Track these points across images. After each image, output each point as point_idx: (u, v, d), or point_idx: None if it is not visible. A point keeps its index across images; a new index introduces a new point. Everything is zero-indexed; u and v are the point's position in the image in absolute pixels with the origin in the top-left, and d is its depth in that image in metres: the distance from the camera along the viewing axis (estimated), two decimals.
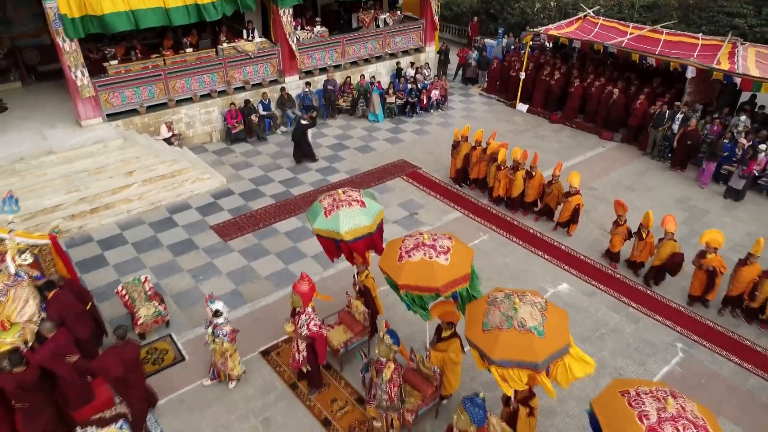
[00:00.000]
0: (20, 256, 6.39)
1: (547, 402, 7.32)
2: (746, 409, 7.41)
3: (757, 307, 8.71)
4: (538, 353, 5.07)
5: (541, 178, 11.37)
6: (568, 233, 11.00)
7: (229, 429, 7.00)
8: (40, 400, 6.24)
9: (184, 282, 9.59)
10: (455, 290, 6.12)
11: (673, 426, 4.37)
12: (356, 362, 7.86)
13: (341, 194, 7.31)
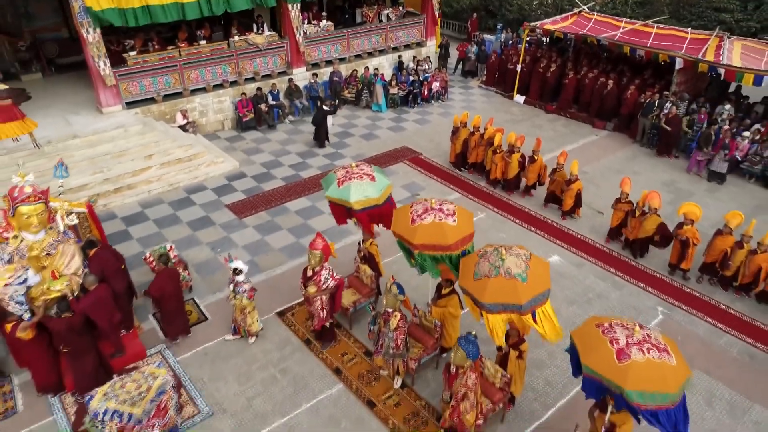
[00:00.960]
0: (68, 216, 7.16)
1: (538, 355, 8.12)
2: (718, 362, 8.18)
3: (731, 275, 9.50)
4: (521, 296, 5.82)
5: (542, 162, 12.02)
6: (574, 217, 11.61)
7: (250, 377, 7.78)
8: (83, 345, 7.03)
9: (204, 253, 10.37)
10: (464, 249, 6.88)
11: (639, 348, 5.15)
12: (364, 322, 8.65)
13: (354, 167, 8.08)
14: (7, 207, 6.54)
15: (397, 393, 7.51)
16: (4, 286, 6.41)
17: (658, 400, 4.95)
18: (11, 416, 7.14)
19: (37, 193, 6.57)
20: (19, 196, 6.42)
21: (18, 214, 6.42)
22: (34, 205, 6.47)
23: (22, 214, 6.42)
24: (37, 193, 6.56)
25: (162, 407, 6.53)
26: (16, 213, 6.42)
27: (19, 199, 6.41)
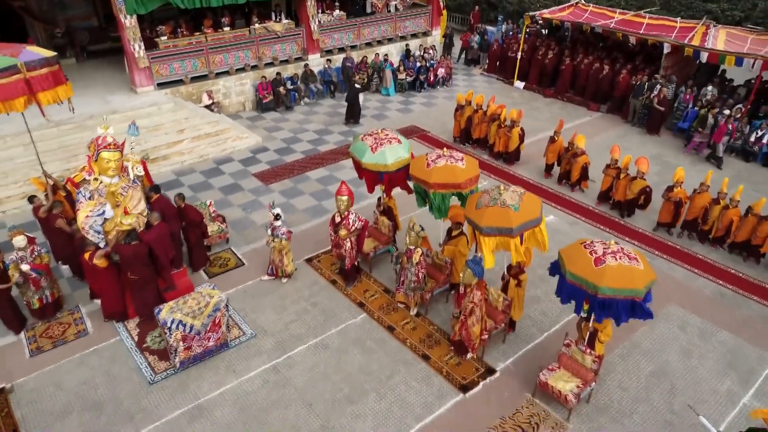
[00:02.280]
0: (136, 168, 8.38)
1: (535, 293, 9.31)
2: (692, 299, 9.37)
3: (707, 229, 10.70)
4: (512, 221, 6.99)
5: (562, 143, 12.90)
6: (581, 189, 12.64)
7: (285, 308, 8.98)
8: (146, 275, 8.24)
9: (236, 213, 11.57)
10: (472, 188, 8.06)
11: (613, 256, 6.34)
12: (382, 266, 9.87)
13: (380, 133, 9.18)
14: (92, 152, 7.74)
15: (413, 320, 8.72)
16: (86, 217, 7.63)
17: (626, 293, 6.16)
18: (83, 337, 8.34)
19: (116, 143, 7.79)
20: (102, 143, 7.63)
21: (100, 158, 7.63)
22: (113, 153, 7.68)
23: (103, 159, 7.63)
24: (116, 143, 7.78)
25: (216, 322, 7.76)
26: (98, 158, 7.63)
27: (102, 146, 7.62)
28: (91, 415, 7.13)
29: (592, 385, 7.17)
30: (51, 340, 8.24)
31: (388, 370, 7.84)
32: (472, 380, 7.67)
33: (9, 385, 7.47)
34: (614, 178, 11.78)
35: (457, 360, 7.97)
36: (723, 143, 13.98)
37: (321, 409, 7.24)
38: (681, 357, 8.20)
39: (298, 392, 7.48)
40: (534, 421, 7.11)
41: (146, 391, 7.46)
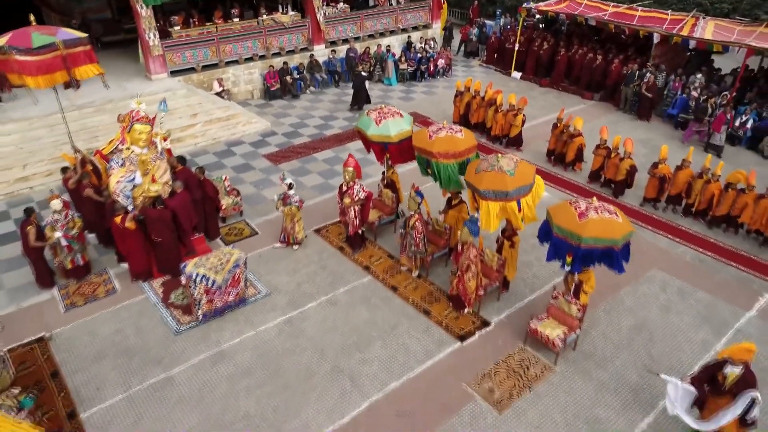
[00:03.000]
0: (164, 141, 9.14)
1: (528, 258, 10.04)
2: (673, 264, 10.11)
3: (691, 203, 11.44)
4: (508, 185, 7.70)
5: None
6: (575, 170, 13.34)
7: (297, 271, 9.73)
8: (170, 239, 8.99)
9: (248, 189, 12.32)
10: (469, 156, 8.79)
11: (595, 211, 7.08)
12: (386, 235, 10.61)
13: (384, 108, 9.95)
14: (126, 124, 8.50)
15: (414, 281, 9.46)
16: (117, 182, 8.39)
17: (607, 243, 6.89)
18: (112, 295, 9.09)
19: (148, 118, 8.56)
20: (136, 116, 8.41)
21: (133, 130, 8.39)
22: (144, 125, 8.44)
23: (135, 131, 8.39)
24: (148, 117, 8.55)
25: (236, 278, 8.51)
26: (131, 129, 8.39)
27: (135, 119, 8.39)
28: (124, 359, 7.88)
29: (576, 331, 7.92)
30: (83, 297, 8.99)
31: (392, 322, 8.59)
32: (468, 331, 8.41)
33: (48, 334, 8.22)
34: (605, 158, 12.53)
35: (455, 314, 8.71)
36: (722, 132, 14.59)
37: (331, 355, 7.99)
38: (660, 313, 8.94)
39: (310, 341, 8.23)
40: (524, 365, 7.85)
41: (172, 340, 8.21)
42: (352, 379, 7.59)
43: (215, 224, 10.32)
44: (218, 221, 10.55)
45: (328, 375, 7.66)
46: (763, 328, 8.64)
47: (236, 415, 7.06)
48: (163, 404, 7.19)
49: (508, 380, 7.61)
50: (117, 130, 9.71)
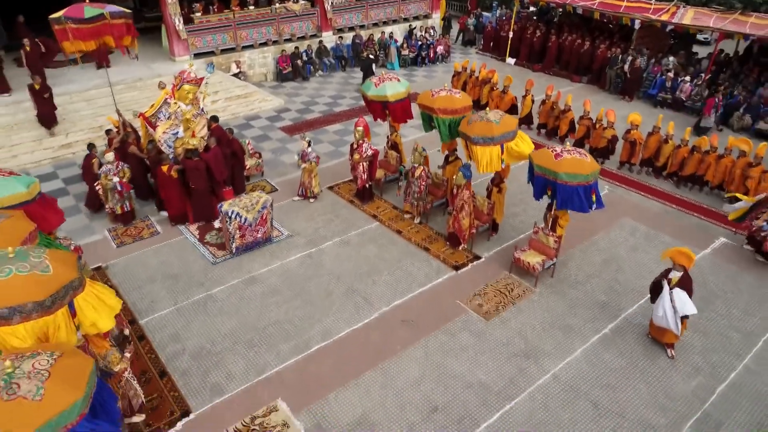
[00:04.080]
0: (204, 100, 10.58)
1: (515, 211, 11.46)
2: (642, 214, 11.55)
3: (661, 165, 12.87)
4: (494, 131, 9.09)
5: (551, 104, 14.99)
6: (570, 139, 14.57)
7: (314, 219, 11.16)
8: (203, 186, 10.42)
9: (267, 155, 13.73)
10: (465, 114, 10.21)
11: (569, 153, 8.50)
12: (391, 191, 12.05)
13: (384, 74, 11.44)
14: (176, 83, 9.97)
15: (416, 226, 10.90)
16: (163, 132, 9.85)
17: (579, 179, 8.31)
18: (156, 236, 10.53)
19: (197, 79, 10.02)
20: (186, 77, 9.87)
21: (182, 89, 9.85)
22: (192, 86, 9.92)
23: (184, 89, 9.85)
24: (196, 79, 10.01)
25: (264, 218, 9.95)
26: (180, 88, 9.85)
27: (186, 80, 9.86)
28: (171, 282, 9.32)
29: (554, 259, 9.36)
30: (131, 237, 10.44)
31: (397, 257, 10.03)
32: (462, 263, 9.85)
33: (105, 264, 9.67)
34: (588, 128, 13.97)
35: (451, 251, 10.15)
36: (711, 115, 15.88)
37: (346, 280, 9.43)
38: (628, 251, 10.37)
39: (327, 270, 9.67)
40: (509, 287, 9.29)
41: (210, 269, 9.65)
42: (364, 297, 9.03)
43: (242, 179, 11.76)
44: (244, 177, 11.98)
45: (343, 294, 9.10)
46: (715, 263, 10.08)
47: (268, 321, 8.50)
48: (206, 314, 8.63)
49: (495, 298, 9.05)
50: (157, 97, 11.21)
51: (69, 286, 5.33)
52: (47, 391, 4.27)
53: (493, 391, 7.37)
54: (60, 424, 4.24)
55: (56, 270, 5.32)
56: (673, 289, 7.47)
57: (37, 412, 4.15)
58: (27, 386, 4.25)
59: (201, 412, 7.01)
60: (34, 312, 5.09)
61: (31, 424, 4.11)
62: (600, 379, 7.58)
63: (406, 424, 6.89)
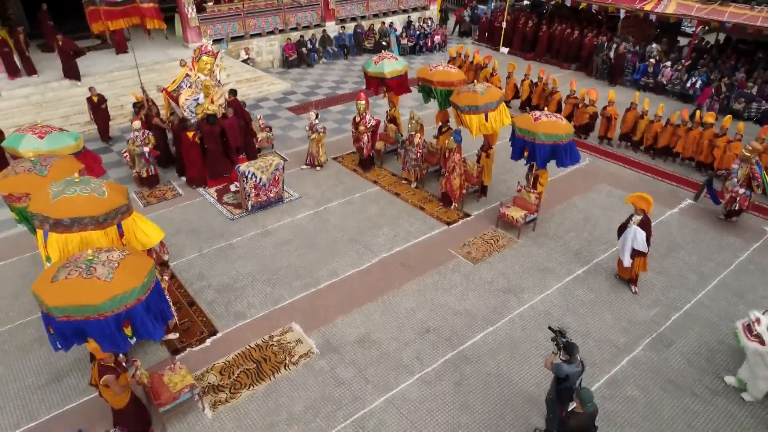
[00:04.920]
0: (220, 72, 11.74)
1: (503, 177, 12.61)
2: (618, 181, 12.69)
3: (638, 139, 14.03)
4: (479, 101, 10.24)
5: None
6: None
7: (320, 184, 12.32)
8: (219, 149, 11.59)
9: (276, 131, 14.90)
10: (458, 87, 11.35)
11: (545, 116, 9.67)
12: (390, 162, 13.21)
13: (384, 53, 12.61)
14: (196, 55, 11.14)
15: (413, 190, 12.05)
16: (185, 99, 11.01)
17: (554, 138, 9.47)
18: (178, 197, 11.69)
19: (213, 52, 11.19)
20: (204, 50, 11.04)
21: (200, 60, 11.02)
22: (209, 58, 11.08)
23: (203, 61, 11.02)
24: (213, 52, 11.17)
25: (276, 179, 11.11)
26: (199, 60, 11.01)
27: (203, 52, 11.02)
28: (194, 234, 10.48)
29: (534, 214, 10.51)
30: (156, 198, 11.61)
31: (396, 215, 11.18)
32: (454, 220, 11.01)
33: None
34: (574, 107, 15.13)
35: (444, 209, 11.31)
36: (705, 105, 16.89)
37: (351, 233, 10.58)
38: (603, 210, 11.52)
39: (333, 225, 10.83)
40: (495, 238, 10.45)
41: (229, 224, 10.81)
42: (366, 246, 10.19)
43: (253, 147, 12.91)
44: (255, 146, 13.13)
45: (348, 243, 10.26)
46: (680, 220, 11.23)
47: (281, 264, 9.66)
48: (227, 259, 9.79)
49: (482, 247, 10.21)
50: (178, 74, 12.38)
51: (119, 209, 6.52)
52: (115, 276, 5.45)
53: (478, 318, 8.53)
54: (121, 302, 5.42)
55: (110, 195, 6.50)
56: (634, 228, 8.63)
57: (106, 290, 5.33)
58: (101, 270, 5.42)
59: (226, 333, 8.17)
60: (89, 225, 6.28)
61: (100, 297, 5.29)
62: (571, 308, 8.74)
63: (403, 341, 8.05)
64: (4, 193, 7.11)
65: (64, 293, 5.19)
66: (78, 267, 5.39)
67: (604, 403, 7.08)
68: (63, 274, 5.32)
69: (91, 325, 5.25)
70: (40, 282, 5.53)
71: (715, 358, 7.88)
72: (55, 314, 5.18)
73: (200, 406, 6.97)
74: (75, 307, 5.14)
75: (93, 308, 5.17)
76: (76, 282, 5.24)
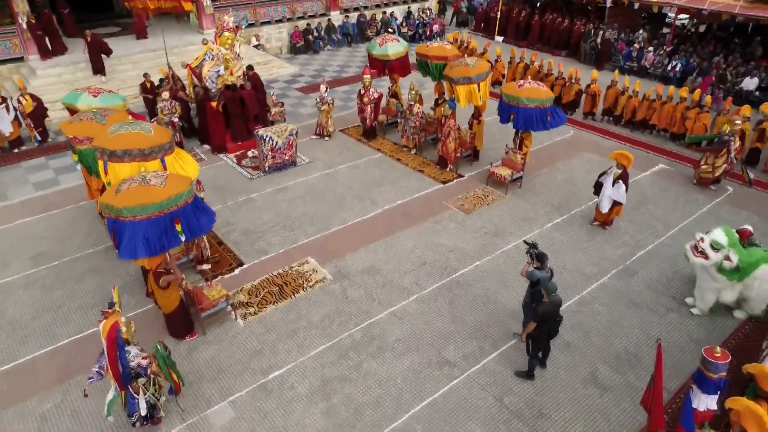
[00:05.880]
0: (239, 47, 13.05)
1: (493, 145, 13.90)
2: (600, 150, 13.98)
3: (619, 114, 15.35)
4: (471, 73, 11.55)
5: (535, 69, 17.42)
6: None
7: (329, 151, 13.63)
8: (238, 114, 12.91)
9: (287, 108, 16.22)
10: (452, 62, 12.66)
11: (529, 83, 10.99)
12: (392, 133, 14.53)
13: (387, 36, 13.93)
14: (218, 31, 12.48)
15: (412, 156, 13.37)
16: (208, 71, 12.36)
17: (536, 102, 10.79)
18: (201, 162, 13.00)
19: (233, 28, 12.52)
20: (225, 26, 12.38)
21: (222, 36, 12.37)
22: (230, 34, 12.42)
23: (224, 36, 12.36)
24: (233, 28, 12.50)
25: (290, 144, 12.43)
26: (221, 35, 12.35)
27: (225, 28, 12.39)
28: (218, 190, 11.79)
29: (520, 172, 11.82)
30: None
31: (397, 176, 12.50)
32: (449, 179, 12.32)
33: None
34: (562, 87, 16.44)
35: (440, 171, 12.63)
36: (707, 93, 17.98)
37: (357, 190, 11.90)
38: (584, 173, 12.82)
39: (342, 183, 12.15)
40: (485, 194, 11.76)
41: (248, 183, 12.12)
42: (372, 200, 11.51)
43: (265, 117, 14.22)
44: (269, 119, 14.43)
45: (355, 198, 11.58)
46: (652, 180, 12.56)
47: (297, 214, 10.97)
48: (248, 209, 11.11)
49: (474, 201, 11.53)
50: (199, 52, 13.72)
51: (162, 146, 7.88)
52: (167, 183, 6.82)
53: (468, 254, 9.85)
54: (177, 201, 6.82)
55: (156, 133, 7.88)
56: (616, 182, 9.93)
57: (162, 192, 6.71)
58: (155, 181, 6.78)
59: (251, 265, 9.49)
60: (137, 156, 7.64)
61: (159, 197, 6.65)
62: (550, 247, 10.01)
63: (404, 271, 9.37)
64: (70, 135, 8.44)
65: (129, 197, 6.53)
66: (135, 181, 6.73)
67: (574, 316, 8.42)
68: (125, 186, 6.67)
69: (151, 224, 6.57)
70: (106, 195, 6.87)
71: (671, 285, 9.20)
72: (125, 215, 6.51)
73: (233, 316, 8.29)
74: (141, 207, 6.48)
75: (155, 206, 6.53)
76: (137, 189, 6.59)
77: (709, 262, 7.91)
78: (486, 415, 6.88)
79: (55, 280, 9.14)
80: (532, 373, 7.34)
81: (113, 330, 5.60)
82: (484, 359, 7.68)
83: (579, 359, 7.73)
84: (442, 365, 7.57)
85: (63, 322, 8.26)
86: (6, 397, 7.09)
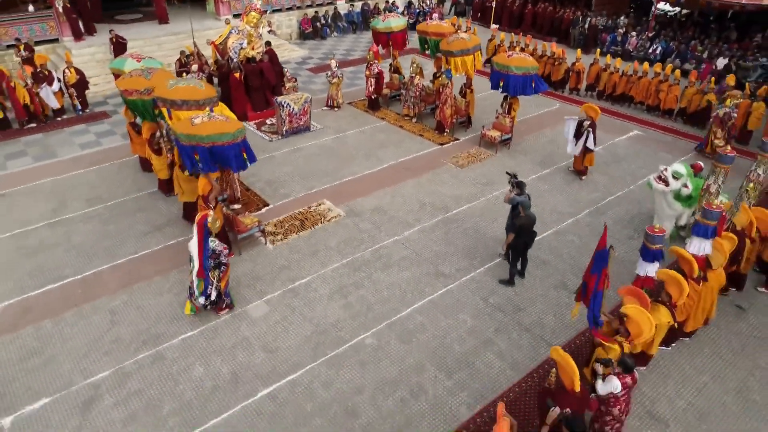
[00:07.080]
0: (262, 27, 14.62)
1: (485, 115, 15.50)
2: None
3: (601, 89, 16.93)
4: (468, 45, 13.15)
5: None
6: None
7: (338, 120, 15.21)
8: (258, 84, 14.49)
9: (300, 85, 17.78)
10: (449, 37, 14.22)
11: (516, 54, 12.56)
12: (394, 105, 16.11)
13: (387, 13, 15.55)
14: (246, 10, 14.08)
15: (413, 123, 14.95)
16: (232, 43, 13.96)
17: (523, 70, 12.34)
18: None
19: (260, 9, 14.11)
20: (253, 7, 13.98)
21: (249, 14, 13.97)
22: (256, 14, 14.01)
23: (250, 15, 13.98)
24: (259, 9, 14.09)
25: (305, 110, 14.02)
26: (248, 14, 13.95)
27: (252, 9, 13.97)
28: None
29: (509, 134, 13.39)
30: None
31: (399, 140, 14.08)
32: (446, 142, 13.90)
33: None
34: (552, 66, 18.02)
35: (438, 135, 14.20)
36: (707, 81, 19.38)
37: (364, 150, 13.47)
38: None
39: (351, 145, 13.73)
40: (478, 153, 13.34)
41: (268, 144, 13.70)
42: (378, 157, 13.09)
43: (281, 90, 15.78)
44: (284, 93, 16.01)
45: (363, 155, 13.16)
46: (627, 144, 14.14)
47: (313, 168, 12.55)
48: (270, 165, 12.68)
49: (468, 158, 13.11)
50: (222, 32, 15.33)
51: (212, 98, 9.50)
52: (228, 120, 8.44)
53: (462, 198, 11.42)
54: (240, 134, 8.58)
55: (206, 88, 9.52)
56: (586, 131, 11.52)
57: (230, 125, 8.43)
58: (219, 117, 8.43)
59: (275, 205, 11.08)
60: (193, 106, 9.24)
61: (231, 128, 8.49)
62: (533, 193, 11.52)
63: (406, 210, 10.96)
64: (122, 88, 10.04)
65: (207, 128, 8.26)
66: (204, 118, 8.36)
67: (551, 242, 10.01)
68: (198, 120, 8.29)
69: (229, 148, 8.31)
70: (182, 127, 8.45)
71: (634, 221, 10.78)
72: (206, 141, 8.18)
73: (263, 241, 9.88)
74: (219, 134, 8.26)
75: (230, 135, 8.36)
76: (210, 123, 8.31)
77: (669, 188, 9.43)
78: (474, 309, 8.46)
79: (110, 215, 10.73)
80: (513, 280, 8.92)
81: (203, 218, 7.24)
82: (473, 272, 9.26)
83: (552, 272, 9.31)
84: (439, 276, 9.15)
85: (120, 245, 9.84)
86: (81, 297, 8.67)
